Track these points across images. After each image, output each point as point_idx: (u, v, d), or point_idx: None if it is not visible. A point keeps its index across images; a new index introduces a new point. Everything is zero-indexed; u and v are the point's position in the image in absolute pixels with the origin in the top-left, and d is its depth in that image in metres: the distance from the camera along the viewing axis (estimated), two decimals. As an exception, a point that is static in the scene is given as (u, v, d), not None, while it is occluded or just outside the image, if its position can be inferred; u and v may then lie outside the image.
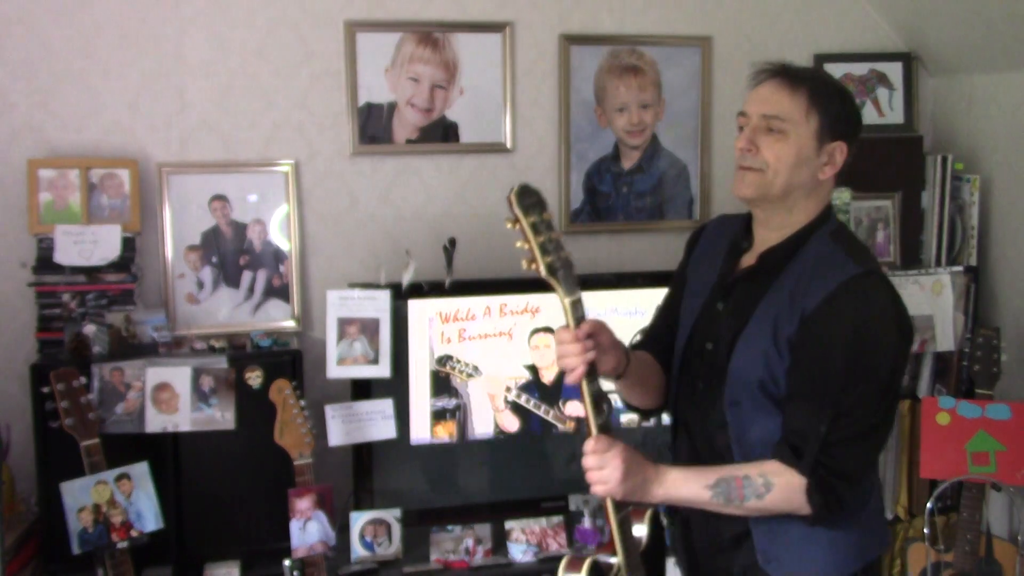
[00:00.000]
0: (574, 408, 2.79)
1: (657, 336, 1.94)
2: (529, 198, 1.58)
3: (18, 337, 2.70)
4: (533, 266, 1.61)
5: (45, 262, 2.62)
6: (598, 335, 1.64)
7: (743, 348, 1.68)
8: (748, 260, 1.77)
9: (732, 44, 3.19)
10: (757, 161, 1.66)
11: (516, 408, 2.77)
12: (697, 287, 1.84)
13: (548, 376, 2.78)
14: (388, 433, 2.67)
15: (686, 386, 1.81)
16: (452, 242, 2.73)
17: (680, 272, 1.93)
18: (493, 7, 2.99)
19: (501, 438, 2.77)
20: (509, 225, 1.62)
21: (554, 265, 1.59)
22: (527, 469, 2.85)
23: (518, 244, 1.63)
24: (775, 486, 1.61)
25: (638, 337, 2.00)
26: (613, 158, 3.14)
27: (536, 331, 2.76)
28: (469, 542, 2.71)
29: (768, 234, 1.74)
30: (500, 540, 2.74)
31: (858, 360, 1.58)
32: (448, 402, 2.72)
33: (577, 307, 1.63)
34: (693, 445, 1.80)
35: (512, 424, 2.77)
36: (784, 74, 1.68)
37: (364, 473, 2.73)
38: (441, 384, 2.72)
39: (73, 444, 2.37)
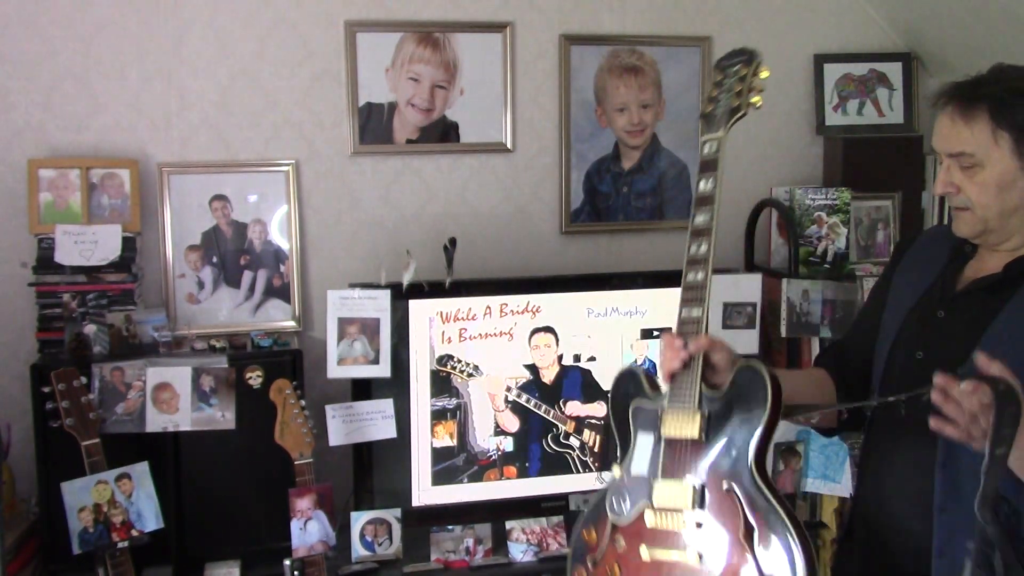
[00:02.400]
0: (574, 408, 2.79)
1: (847, 347, 1.86)
2: (731, 58, 1.78)
3: (18, 337, 2.70)
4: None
5: (45, 262, 2.62)
6: (712, 352, 1.55)
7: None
8: (976, 269, 1.66)
9: (732, 44, 3.15)
10: (962, 200, 1.59)
11: (516, 408, 2.76)
12: (905, 293, 1.74)
13: (548, 376, 2.78)
14: (388, 433, 2.67)
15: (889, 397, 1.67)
16: (452, 242, 2.73)
17: (884, 281, 1.84)
18: (493, 7, 2.99)
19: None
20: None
21: (709, 112, 1.70)
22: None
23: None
24: None
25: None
26: (613, 158, 3.14)
27: (536, 331, 2.76)
28: (469, 542, 2.71)
29: (1002, 255, 1.63)
30: (500, 540, 2.74)
31: None
32: (448, 402, 2.72)
33: (708, 144, 1.65)
34: (890, 460, 1.69)
35: (512, 424, 2.77)
36: (959, 98, 1.58)
37: (364, 473, 2.73)
38: (441, 384, 2.72)
39: (73, 444, 2.37)
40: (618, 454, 1.61)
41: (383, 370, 2.67)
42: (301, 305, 2.89)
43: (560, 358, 2.78)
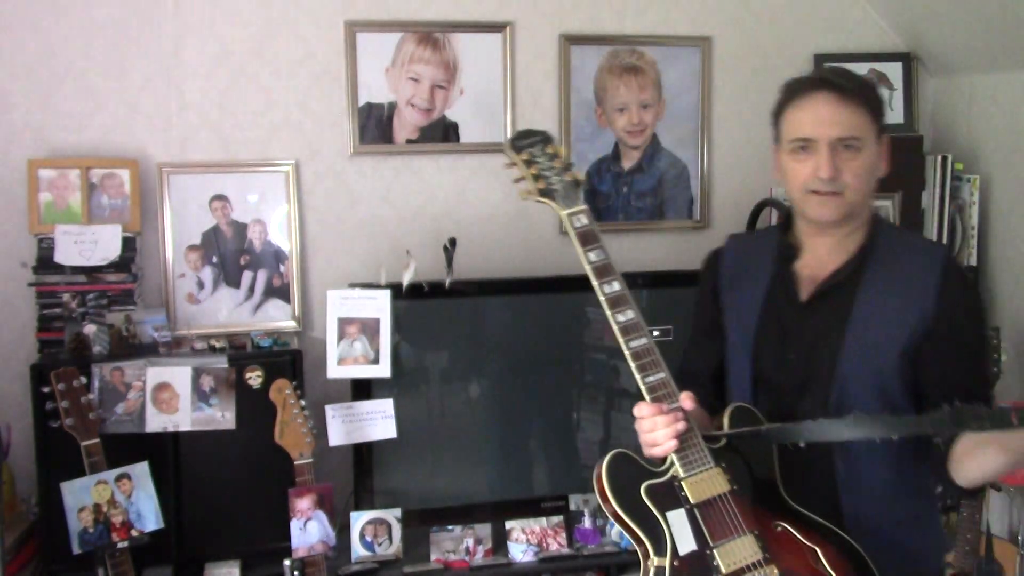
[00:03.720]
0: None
1: (696, 371, 1.85)
2: (526, 139, 1.74)
3: (18, 337, 2.70)
4: (528, 197, 1.71)
5: (45, 262, 2.62)
6: (686, 404, 1.56)
7: (854, 348, 1.62)
8: (810, 264, 1.73)
9: (732, 44, 3.19)
10: (839, 185, 1.63)
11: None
12: (744, 308, 1.76)
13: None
14: (388, 433, 2.67)
15: (764, 405, 1.71)
16: (452, 242, 2.73)
17: (710, 303, 1.84)
18: (493, 7, 2.99)
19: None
20: (507, 166, 1.76)
21: (548, 189, 1.70)
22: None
23: (514, 180, 1.76)
24: None
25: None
26: (613, 158, 3.14)
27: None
28: (469, 542, 2.71)
29: (830, 242, 1.71)
30: (500, 540, 2.74)
31: (984, 332, 1.67)
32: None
33: (577, 217, 1.67)
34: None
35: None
36: (837, 87, 1.65)
37: (364, 473, 2.73)
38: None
39: (73, 444, 2.37)
40: (648, 547, 1.49)
41: (383, 370, 2.67)
42: (301, 305, 2.89)
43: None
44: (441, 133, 2.99)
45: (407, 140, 2.97)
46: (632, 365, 1.56)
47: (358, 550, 2.65)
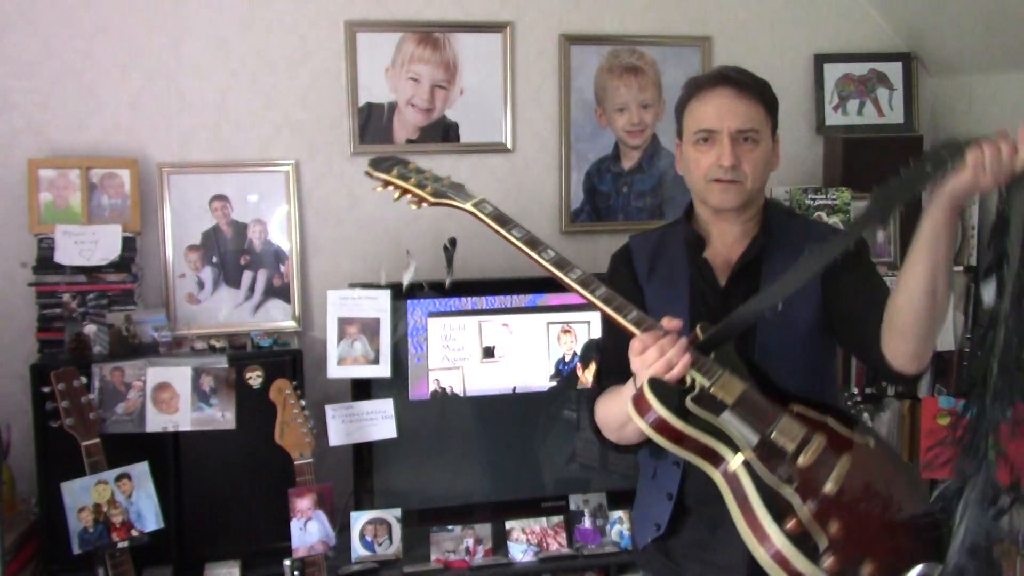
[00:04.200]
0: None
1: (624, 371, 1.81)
2: (384, 162, 1.77)
3: (18, 337, 2.70)
4: (422, 204, 1.75)
5: (45, 262, 2.62)
6: (674, 324, 1.56)
7: (768, 324, 1.69)
8: (720, 251, 1.80)
9: (732, 44, 3.19)
10: (739, 174, 1.71)
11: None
12: (673, 302, 1.78)
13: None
14: (388, 433, 2.67)
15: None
16: (452, 242, 2.73)
17: (633, 294, 1.79)
18: (493, 7, 2.99)
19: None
20: (380, 189, 1.75)
21: (439, 190, 1.75)
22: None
23: (396, 197, 1.76)
24: None
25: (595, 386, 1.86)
26: (613, 158, 3.14)
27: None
28: (469, 542, 2.71)
29: (734, 228, 1.79)
30: (500, 540, 2.74)
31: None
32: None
33: (482, 206, 1.76)
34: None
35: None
36: (737, 82, 1.76)
37: (364, 473, 2.73)
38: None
39: (73, 444, 2.37)
40: (721, 450, 1.48)
41: (383, 370, 2.67)
42: (301, 305, 2.89)
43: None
44: (441, 133, 2.99)
45: (407, 140, 2.97)
46: (607, 309, 1.58)
47: (358, 550, 2.65)
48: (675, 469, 1.77)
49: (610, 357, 1.79)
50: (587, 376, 2.82)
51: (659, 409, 1.47)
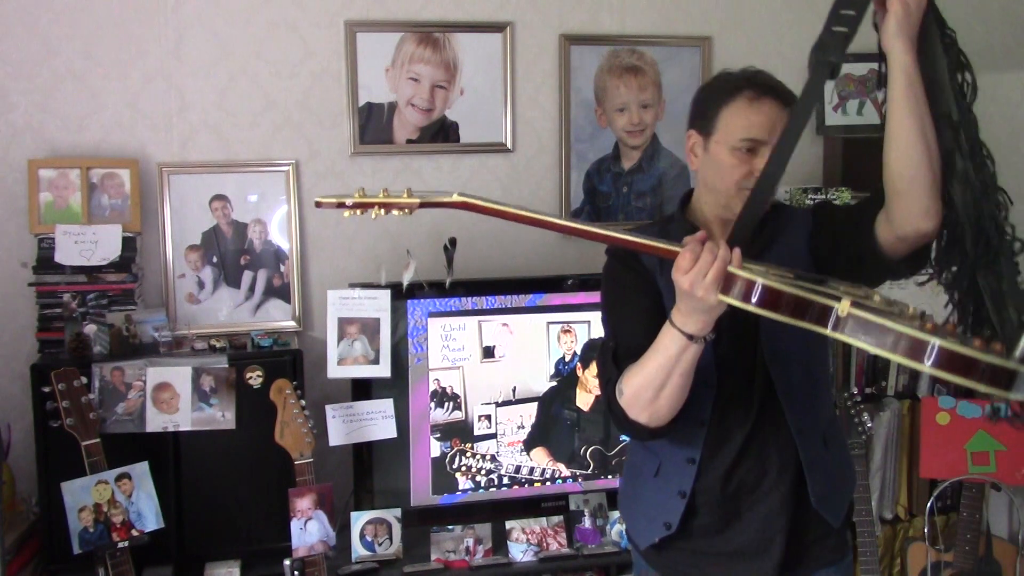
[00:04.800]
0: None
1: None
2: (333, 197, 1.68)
3: (18, 337, 2.70)
4: (408, 210, 1.70)
5: (46, 262, 2.62)
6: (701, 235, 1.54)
7: None
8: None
9: (732, 44, 3.19)
10: (749, 183, 1.69)
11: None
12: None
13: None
14: (388, 433, 2.68)
15: (724, 377, 1.75)
16: (452, 242, 2.73)
17: (645, 284, 1.78)
18: (493, 7, 2.99)
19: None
20: (350, 215, 1.70)
21: (416, 193, 1.72)
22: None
23: (374, 216, 1.70)
24: None
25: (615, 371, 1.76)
26: (613, 158, 3.14)
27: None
28: (469, 542, 2.71)
29: (722, 222, 1.78)
30: (500, 540, 2.74)
31: None
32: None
33: (467, 194, 1.70)
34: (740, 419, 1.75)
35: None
36: (780, 96, 1.73)
37: (364, 473, 2.73)
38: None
39: (74, 444, 2.37)
40: (828, 303, 1.41)
41: (383, 370, 2.67)
42: (301, 305, 2.89)
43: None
44: (441, 133, 2.99)
45: (407, 140, 2.97)
46: (642, 241, 1.55)
47: (358, 550, 2.65)
48: (689, 467, 1.76)
49: (627, 338, 1.73)
50: (587, 376, 2.82)
51: (757, 279, 1.43)
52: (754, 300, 1.44)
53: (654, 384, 1.60)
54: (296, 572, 2.47)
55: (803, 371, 1.78)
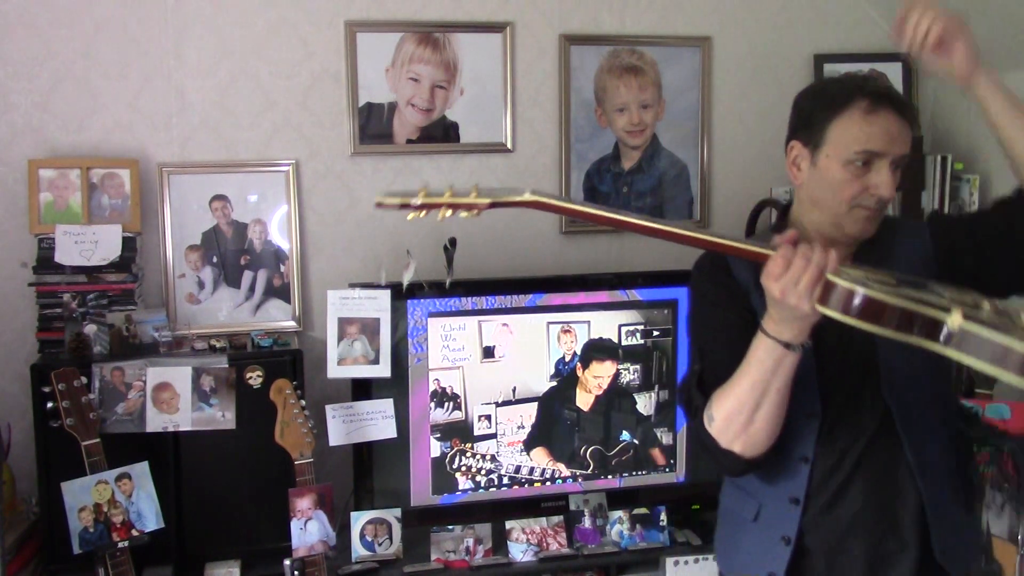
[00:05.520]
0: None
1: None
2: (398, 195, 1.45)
3: (18, 337, 2.70)
4: (476, 211, 1.44)
5: (46, 262, 2.62)
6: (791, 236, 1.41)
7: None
8: None
9: (732, 44, 3.19)
10: (886, 203, 1.59)
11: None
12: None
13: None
14: (388, 433, 2.68)
15: (831, 399, 1.62)
16: (452, 242, 2.73)
17: (739, 306, 1.64)
18: (493, 7, 2.99)
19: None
20: (415, 216, 1.47)
21: (484, 191, 1.45)
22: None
23: (440, 218, 1.47)
24: None
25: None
26: (613, 158, 3.14)
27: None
28: (469, 542, 2.71)
29: (842, 248, 1.61)
30: (500, 540, 2.74)
31: None
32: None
33: (538, 192, 1.42)
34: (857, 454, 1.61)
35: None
36: (897, 105, 1.60)
37: (364, 473, 2.73)
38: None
39: (74, 444, 2.37)
40: (937, 316, 1.31)
41: (383, 370, 2.67)
42: (301, 305, 2.89)
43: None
44: (441, 133, 2.99)
45: (407, 140, 2.97)
46: (730, 243, 1.41)
47: (358, 550, 2.65)
48: (793, 508, 1.62)
49: (715, 362, 1.58)
50: (587, 376, 2.82)
51: (857, 287, 1.30)
52: (854, 311, 1.31)
53: (748, 404, 1.47)
54: (296, 572, 2.47)
55: (927, 397, 1.60)
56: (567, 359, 2.82)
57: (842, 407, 1.60)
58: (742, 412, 1.49)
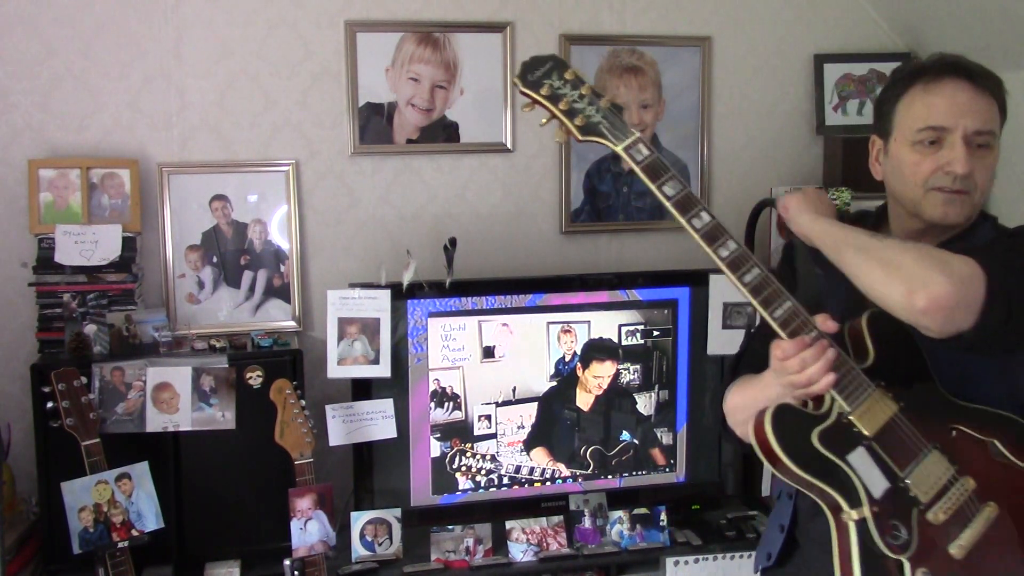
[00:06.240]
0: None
1: None
2: (537, 70, 1.45)
3: (19, 337, 2.70)
4: (568, 135, 1.44)
5: (46, 262, 2.62)
6: (828, 327, 1.37)
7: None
8: None
9: (732, 44, 3.19)
10: (969, 183, 1.47)
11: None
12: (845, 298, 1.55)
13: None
14: (388, 433, 2.67)
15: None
16: (452, 242, 2.73)
17: (799, 285, 1.61)
18: (493, 7, 2.99)
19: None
20: (526, 110, 1.46)
21: (590, 124, 1.43)
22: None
23: (543, 122, 1.48)
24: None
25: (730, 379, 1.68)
26: (613, 158, 3.13)
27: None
28: (469, 542, 2.71)
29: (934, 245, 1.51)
30: (500, 540, 2.74)
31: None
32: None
33: (635, 149, 1.44)
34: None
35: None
36: (973, 74, 1.49)
37: (364, 473, 2.73)
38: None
39: (74, 444, 2.37)
40: (840, 500, 1.34)
41: (383, 370, 2.67)
42: (301, 305, 2.89)
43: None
44: (441, 133, 2.99)
45: (407, 140, 2.97)
46: (753, 301, 1.38)
47: (358, 550, 2.65)
48: (788, 501, 1.66)
49: (757, 345, 1.56)
50: (587, 376, 2.82)
51: (775, 446, 1.33)
52: (762, 452, 1.36)
53: (749, 410, 1.47)
54: (296, 572, 2.47)
55: (993, 380, 1.48)
56: (567, 359, 2.82)
57: None
58: (744, 411, 1.51)
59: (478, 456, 2.78)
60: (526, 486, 2.83)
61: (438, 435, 2.75)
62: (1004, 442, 1.39)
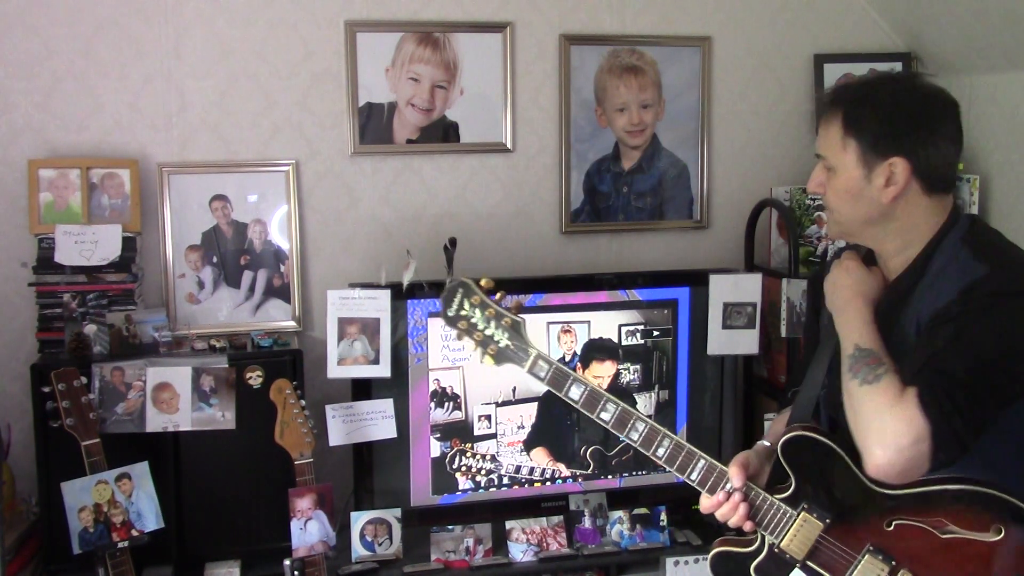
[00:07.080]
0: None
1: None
2: (452, 302, 1.66)
3: (18, 337, 2.70)
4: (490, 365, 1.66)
5: (46, 262, 2.62)
6: (749, 468, 1.63)
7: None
8: (888, 274, 1.64)
9: (732, 44, 3.19)
10: (825, 201, 1.60)
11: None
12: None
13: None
14: (388, 433, 2.67)
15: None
16: (452, 242, 2.73)
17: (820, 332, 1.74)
18: (493, 7, 2.99)
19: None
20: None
21: (500, 352, 1.65)
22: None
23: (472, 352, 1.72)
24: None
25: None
26: (613, 158, 3.14)
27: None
28: (469, 542, 2.71)
29: (891, 259, 1.60)
30: (500, 540, 2.74)
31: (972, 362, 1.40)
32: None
33: (537, 367, 1.65)
34: None
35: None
36: (827, 103, 1.58)
37: (364, 473, 2.73)
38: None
39: (73, 444, 2.37)
40: None
41: (383, 370, 2.67)
42: (301, 305, 2.89)
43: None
44: (441, 133, 2.99)
45: (407, 140, 2.97)
46: (671, 471, 1.64)
47: (358, 550, 2.65)
48: None
49: (797, 366, 1.80)
50: (588, 376, 2.82)
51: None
52: None
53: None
54: (296, 572, 2.47)
55: None
56: (567, 359, 2.82)
57: None
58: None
59: (478, 456, 2.78)
60: (526, 486, 2.83)
61: (438, 435, 2.75)
62: (951, 517, 1.45)
